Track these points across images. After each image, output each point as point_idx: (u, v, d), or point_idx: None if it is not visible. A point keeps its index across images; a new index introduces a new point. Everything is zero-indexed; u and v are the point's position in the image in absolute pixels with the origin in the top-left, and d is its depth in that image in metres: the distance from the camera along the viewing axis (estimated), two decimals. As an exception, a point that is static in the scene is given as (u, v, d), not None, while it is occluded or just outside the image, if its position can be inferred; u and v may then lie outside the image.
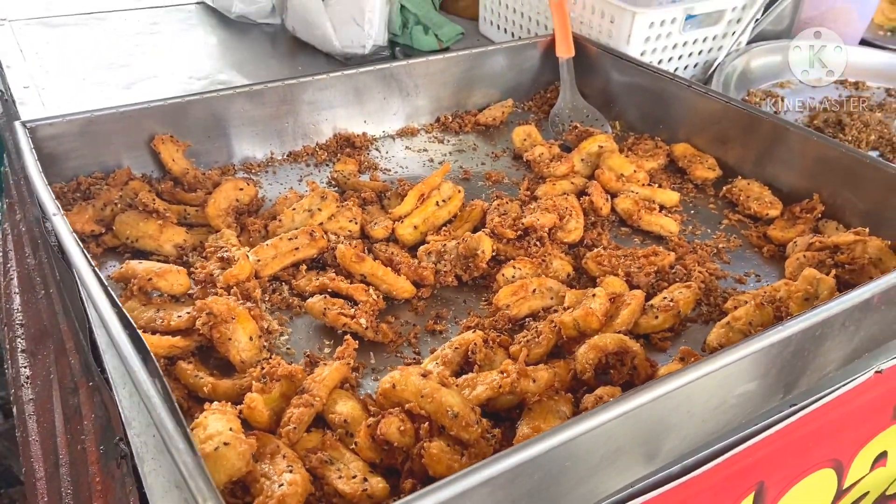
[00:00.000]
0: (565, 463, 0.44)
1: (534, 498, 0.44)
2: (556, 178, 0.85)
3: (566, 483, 0.46)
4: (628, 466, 0.49)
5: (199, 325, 0.57)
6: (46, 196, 0.64)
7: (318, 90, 0.91)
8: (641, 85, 0.99)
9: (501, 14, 1.23)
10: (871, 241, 0.72)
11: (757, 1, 1.08)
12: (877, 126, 1.01)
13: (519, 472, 0.41)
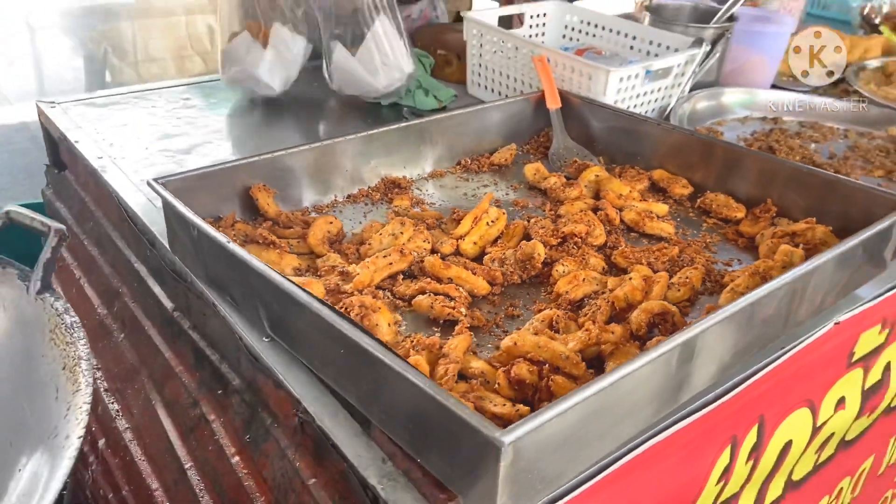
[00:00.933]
0: (641, 385, 0.64)
1: (618, 408, 0.63)
2: (571, 200, 1.07)
3: (643, 395, 0.66)
4: (674, 392, 0.70)
5: (353, 316, 0.75)
6: (204, 224, 0.80)
7: (366, 143, 1.11)
8: (618, 126, 1.24)
9: (488, 77, 1.47)
10: (818, 228, 0.96)
11: (695, 59, 1.36)
12: (799, 149, 1.29)
13: (613, 390, 0.60)
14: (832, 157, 1.29)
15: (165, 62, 4.53)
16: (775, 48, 1.54)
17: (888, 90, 1.53)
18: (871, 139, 1.37)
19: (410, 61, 1.41)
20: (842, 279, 0.88)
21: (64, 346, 0.79)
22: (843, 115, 1.44)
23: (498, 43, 1.44)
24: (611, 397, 0.61)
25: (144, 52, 4.43)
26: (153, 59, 4.45)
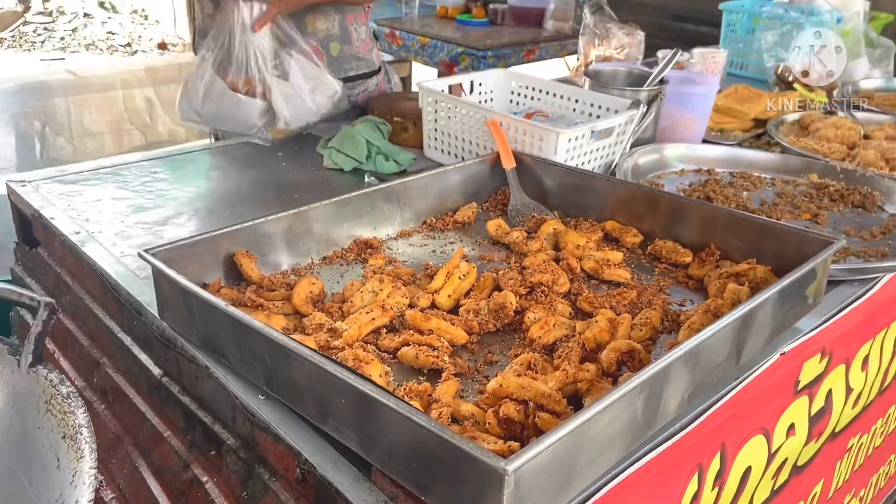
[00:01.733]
0: (619, 416, 0.71)
1: (599, 438, 0.70)
2: (533, 252, 1.15)
3: (621, 424, 0.72)
4: (648, 421, 0.77)
5: (350, 366, 0.79)
6: (199, 290, 0.84)
7: (338, 208, 1.17)
8: (570, 182, 1.34)
9: (444, 141, 1.56)
10: (758, 268, 1.07)
11: (634, 119, 1.48)
12: (733, 197, 1.41)
13: (592, 422, 0.67)
14: (763, 203, 1.41)
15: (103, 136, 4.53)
16: (703, 107, 1.68)
17: (806, 141, 1.69)
18: (796, 185, 1.51)
19: (337, 83, 1.51)
20: (784, 312, 0.97)
21: (62, 416, 0.81)
22: (769, 165, 1.58)
23: (452, 109, 1.54)
24: (594, 427, 0.68)
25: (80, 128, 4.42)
26: (90, 134, 4.44)
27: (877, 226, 1.33)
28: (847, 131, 1.70)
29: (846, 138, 1.68)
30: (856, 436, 1.39)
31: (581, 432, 0.67)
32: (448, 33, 3.45)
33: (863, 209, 1.41)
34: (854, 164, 1.54)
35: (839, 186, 1.46)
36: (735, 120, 1.86)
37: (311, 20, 1.77)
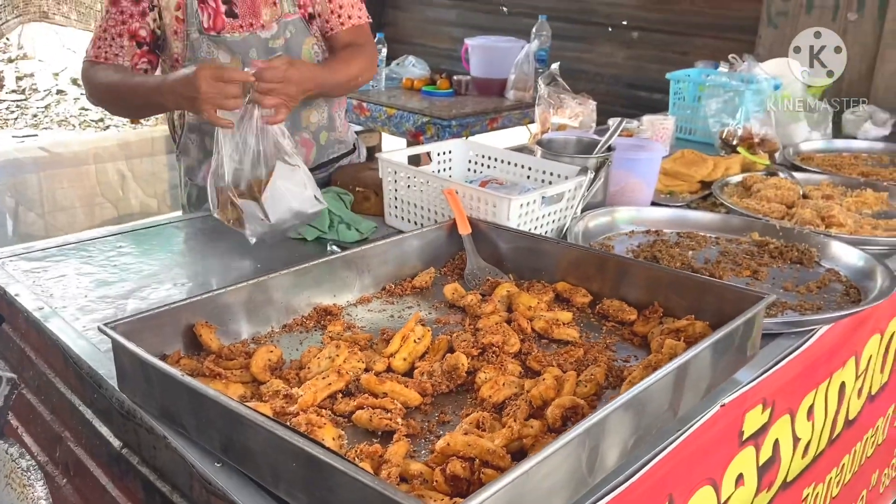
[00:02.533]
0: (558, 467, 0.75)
1: (541, 489, 0.74)
2: (487, 314, 1.20)
3: (561, 476, 0.76)
4: (588, 472, 0.80)
5: (303, 431, 0.83)
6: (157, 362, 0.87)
7: (298, 276, 1.21)
8: (523, 246, 1.40)
9: (404, 209, 1.62)
10: (697, 324, 1.12)
11: (583, 185, 1.56)
12: (679, 257, 1.48)
13: (532, 474, 0.71)
14: (707, 261, 1.48)
15: (74, 211, 4.55)
16: (650, 172, 1.77)
17: (748, 201, 1.78)
18: (739, 244, 1.58)
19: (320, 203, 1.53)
20: (720, 365, 1.03)
21: (21, 489, 0.83)
22: (714, 225, 1.66)
23: (411, 179, 1.61)
24: (534, 478, 0.72)
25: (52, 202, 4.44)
26: (62, 209, 4.46)
27: (813, 280, 1.40)
28: (786, 191, 1.79)
29: (785, 198, 1.77)
30: (810, 485, 1.43)
31: (521, 483, 0.70)
32: (414, 104, 3.58)
33: (801, 265, 1.48)
34: (792, 223, 1.63)
35: (778, 244, 1.54)
36: (683, 182, 1.96)
37: (305, 115, 1.86)
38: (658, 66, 3.49)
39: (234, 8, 1.71)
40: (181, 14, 1.68)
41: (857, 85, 2.83)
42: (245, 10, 1.72)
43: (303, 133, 1.87)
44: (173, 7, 1.68)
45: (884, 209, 1.81)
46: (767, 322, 1.18)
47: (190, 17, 1.67)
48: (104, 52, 1.67)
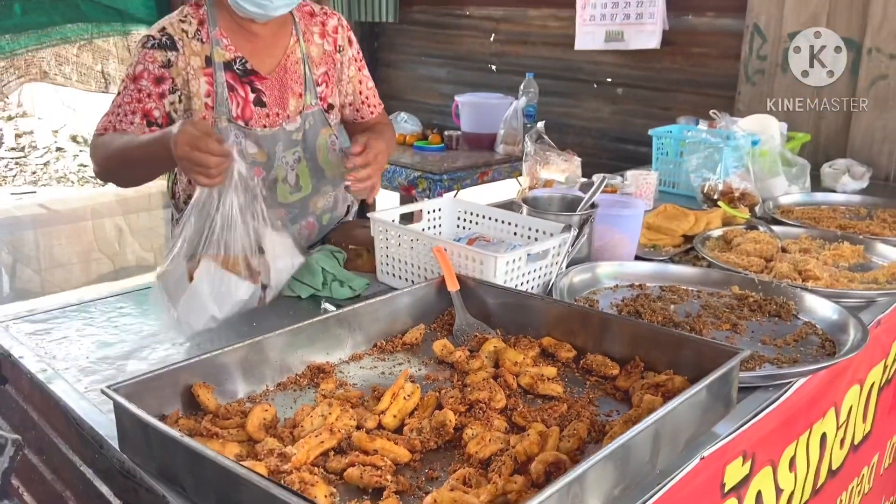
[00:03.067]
0: None
1: None
2: (474, 370, 1.24)
3: None
4: None
5: (296, 489, 0.86)
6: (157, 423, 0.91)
7: (293, 336, 1.26)
8: (509, 302, 1.45)
9: (395, 266, 1.68)
10: (676, 379, 1.17)
11: (567, 241, 1.62)
12: (661, 311, 1.53)
13: None
14: (688, 315, 1.53)
15: (71, 267, 4.60)
16: (632, 227, 1.83)
17: (728, 255, 1.84)
18: (720, 297, 1.64)
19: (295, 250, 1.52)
20: (698, 418, 1.07)
21: (23, 549, 0.86)
22: (695, 279, 1.71)
23: (401, 237, 1.67)
24: (515, 535, 0.75)
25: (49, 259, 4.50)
26: (59, 265, 4.51)
27: (790, 333, 1.45)
28: (765, 245, 1.86)
29: (764, 252, 1.83)
30: (796, 535, 1.46)
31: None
32: (406, 159, 3.67)
33: (779, 318, 1.53)
34: (770, 277, 1.69)
35: (757, 297, 1.59)
36: (666, 236, 2.02)
37: (313, 202, 1.92)
38: (643, 120, 3.61)
39: (263, 97, 1.76)
40: (210, 101, 1.71)
41: (833, 140, 2.93)
42: (273, 101, 1.78)
43: (308, 217, 1.93)
44: (203, 94, 1.71)
45: (860, 262, 1.87)
46: (745, 376, 1.22)
47: (219, 105, 1.71)
48: (113, 125, 1.68)
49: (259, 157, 1.76)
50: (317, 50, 1.86)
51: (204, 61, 1.70)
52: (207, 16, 1.71)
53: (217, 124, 1.71)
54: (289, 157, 1.82)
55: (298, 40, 1.82)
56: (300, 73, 1.82)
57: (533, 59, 4.02)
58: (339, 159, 1.88)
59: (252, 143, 1.74)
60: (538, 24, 3.99)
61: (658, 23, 3.44)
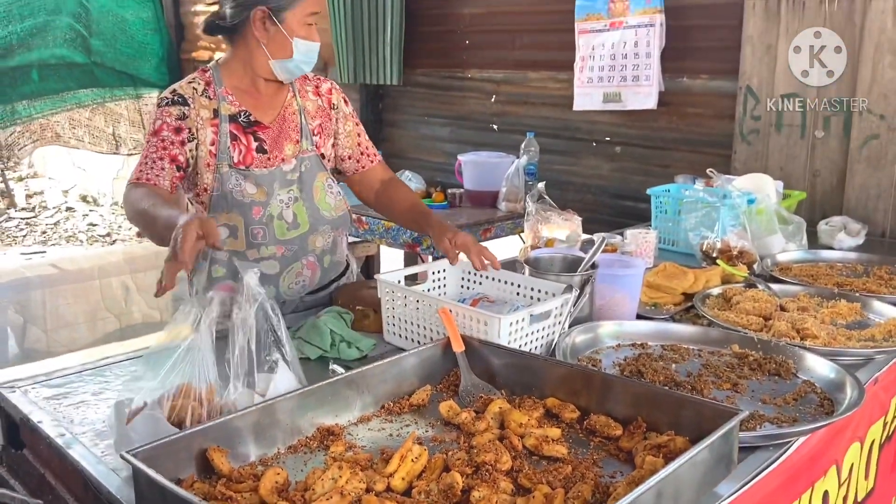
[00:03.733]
0: None
1: None
2: (480, 432, 1.27)
3: None
4: None
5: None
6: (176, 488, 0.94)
7: (303, 399, 1.30)
8: (513, 363, 1.49)
9: (402, 326, 1.72)
10: (678, 439, 1.20)
11: (569, 302, 1.66)
12: (662, 370, 1.56)
13: None
14: (690, 374, 1.56)
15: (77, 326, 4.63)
16: (633, 286, 1.88)
17: (728, 314, 1.88)
18: (720, 356, 1.67)
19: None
20: (699, 479, 1.10)
21: None
22: (695, 337, 1.75)
23: (407, 298, 1.71)
24: None
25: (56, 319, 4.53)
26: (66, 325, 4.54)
27: (790, 392, 1.48)
28: (763, 304, 1.90)
29: (763, 310, 1.87)
30: None
31: None
32: (410, 217, 3.74)
33: (779, 376, 1.56)
34: (769, 335, 1.72)
35: (757, 356, 1.63)
36: (666, 295, 2.06)
37: (312, 240, 2.03)
38: (641, 177, 3.69)
39: (264, 144, 1.94)
40: (214, 149, 1.89)
41: (829, 197, 3.00)
42: (272, 146, 1.96)
43: (308, 256, 2.02)
44: (208, 142, 1.89)
45: (857, 319, 1.91)
46: (745, 436, 1.25)
47: (221, 153, 1.89)
48: (145, 174, 1.83)
49: (258, 197, 1.91)
50: (312, 104, 2.05)
51: (211, 113, 1.89)
52: (213, 78, 1.93)
53: (219, 169, 1.89)
54: (284, 195, 1.95)
55: (295, 96, 2.02)
56: (297, 122, 2.00)
57: (533, 118, 4.14)
58: (338, 201, 2.06)
59: (251, 184, 1.91)
60: (538, 86, 4.11)
61: (654, 84, 3.55)
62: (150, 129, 1.89)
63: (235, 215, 1.90)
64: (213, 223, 1.42)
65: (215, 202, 1.90)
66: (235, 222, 1.91)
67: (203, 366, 1.29)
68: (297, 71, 1.94)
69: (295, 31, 1.87)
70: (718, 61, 3.37)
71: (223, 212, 1.90)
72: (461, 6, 4.36)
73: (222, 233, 1.87)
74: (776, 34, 3.02)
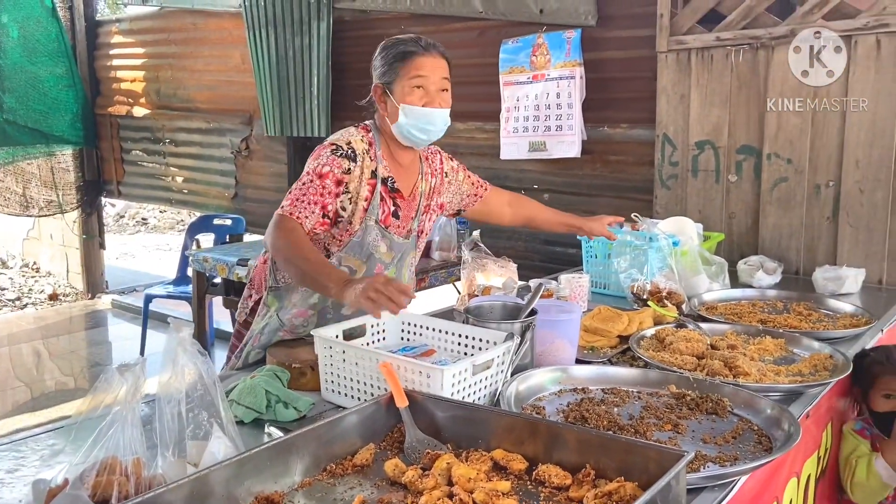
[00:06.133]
0: None
1: None
2: (428, 489, 1.23)
3: None
4: None
5: None
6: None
7: (239, 466, 1.22)
8: (458, 415, 1.46)
9: (341, 383, 1.67)
10: (627, 485, 1.19)
11: (510, 349, 1.66)
12: (605, 415, 1.56)
13: None
14: (632, 417, 1.57)
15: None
16: (572, 331, 1.89)
17: (663, 354, 1.91)
18: (659, 397, 1.69)
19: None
20: (652, 525, 1.09)
21: None
22: (634, 380, 1.76)
23: (346, 353, 1.67)
24: None
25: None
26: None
27: (728, 431, 1.51)
28: (695, 343, 1.94)
29: (695, 350, 1.91)
30: None
31: None
32: (342, 269, 3.69)
33: (716, 415, 1.59)
34: (703, 374, 1.76)
35: (694, 396, 1.65)
36: (603, 338, 2.09)
37: (294, 298, 2.10)
38: (569, 224, 3.77)
39: (399, 212, 2.11)
40: (366, 204, 2.03)
41: (745, 238, 3.14)
42: (404, 216, 2.12)
43: (293, 317, 2.11)
44: (363, 198, 2.02)
45: (783, 354, 1.98)
46: (691, 477, 1.26)
47: (373, 209, 2.04)
48: (298, 212, 1.92)
49: (386, 258, 2.10)
50: (427, 186, 2.21)
51: (370, 174, 2.03)
52: (374, 139, 2.08)
53: (366, 222, 2.04)
54: (403, 265, 2.17)
55: (423, 177, 2.18)
56: (416, 206, 2.16)
57: (461, 168, 4.19)
58: (411, 278, 2.27)
59: (386, 245, 2.09)
60: (466, 137, 4.19)
61: (577, 133, 3.67)
62: (316, 168, 1.96)
63: (360, 263, 2.06)
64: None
65: (352, 246, 2.04)
66: (357, 267, 2.06)
67: (129, 436, 1.21)
68: (425, 135, 2.03)
69: (400, 97, 2.00)
70: (636, 111, 3.53)
71: (354, 256, 2.05)
72: (386, 60, 4.42)
73: (347, 270, 2.05)
74: (688, 85, 3.19)
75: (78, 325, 5.02)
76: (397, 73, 2.00)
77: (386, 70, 2.03)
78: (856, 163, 2.83)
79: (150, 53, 6.04)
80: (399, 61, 2.00)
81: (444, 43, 2.11)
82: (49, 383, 4.52)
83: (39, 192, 5.53)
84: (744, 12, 3.01)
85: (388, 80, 2.02)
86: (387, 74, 2.02)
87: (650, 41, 3.27)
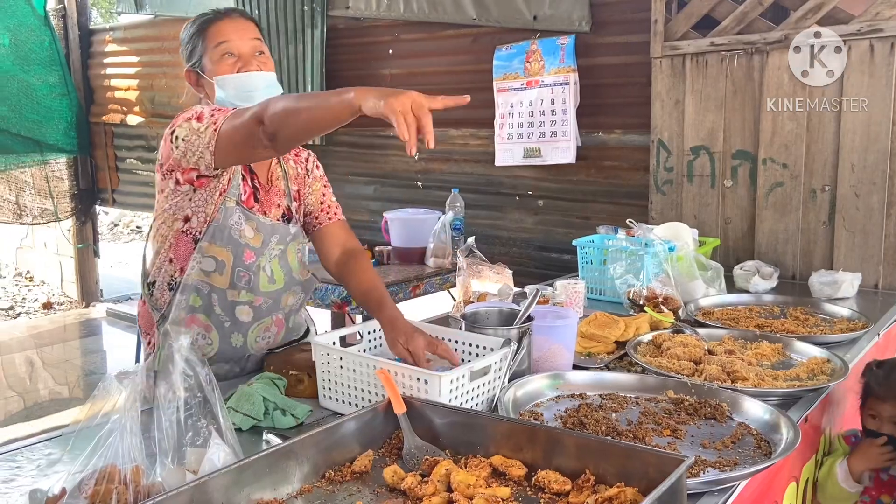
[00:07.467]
0: None
1: None
2: (428, 496, 1.23)
3: None
4: None
5: None
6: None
7: (238, 473, 1.22)
8: (456, 421, 1.45)
9: (338, 390, 1.66)
10: (627, 491, 1.19)
11: (508, 356, 1.66)
12: (603, 420, 1.56)
13: None
14: (630, 423, 1.57)
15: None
16: (567, 336, 1.89)
17: (660, 360, 1.91)
18: (657, 402, 1.69)
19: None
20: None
21: None
22: (631, 385, 1.76)
23: (343, 360, 1.66)
24: None
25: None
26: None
27: (727, 435, 1.50)
28: (693, 348, 1.94)
29: (693, 355, 1.91)
30: None
31: None
32: (337, 277, 3.68)
33: (715, 420, 1.59)
34: (701, 379, 1.76)
35: (692, 401, 1.65)
36: (599, 344, 2.08)
37: (285, 298, 2.02)
38: (564, 229, 3.79)
39: (258, 195, 1.95)
40: (227, 184, 1.87)
41: (741, 243, 3.14)
42: (264, 199, 1.97)
43: (279, 313, 2.02)
44: (225, 179, 1.85)
45: (780, 359, 1.98)
46: (691, 482, 1.26)
47: (233, 188, 1.88)
48: (220, 114, 1.68)
49: (253, 242, 1.90)
50: (292, 171, 2.06)
51: None
52: None
53: (225, 203, 1.86)
54: (275, 249, 1.96)
55: (279, 162, 2.03)
56: (282, 188, 2.02)
57: (457, 174, 4.20)
58: (304, 267, 2.08)
59: (251, 228, 1.90)
60: (460, 143, 4.19)
61: (572, 139, 3.68)
62: (192, 114, 1.72)
63: (227, 252, 1.88)
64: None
65: (212, 232, 1.86)
66: (224, 259, 1.88)
67: (128, 444, 1.20)
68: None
69: (212, 71, 1.86)
70: (631, 116, 3.54)
71: (216, 244, 1.87)
72: (381, 67, 4.42)
73: (209, 264, 1.88)
74: (683, 90, 3.20)
75: (72, 334, 4.99)
76: (202, 48, 1.86)
77: (191, 50, 1.89)
78: (851, 167, 2.85)
79: (144, 62, 6.03)
80: (198, 35, 1.87)
81: (437, 50, 2.11)
82: (43, 392, 4.49)
83: (33, 200, 5.51)
84: (738, 18, 3.03)
85: (196, 61, 1.89)
86: (192, 55, 1.89)
87: (644, 47, 3.28)
